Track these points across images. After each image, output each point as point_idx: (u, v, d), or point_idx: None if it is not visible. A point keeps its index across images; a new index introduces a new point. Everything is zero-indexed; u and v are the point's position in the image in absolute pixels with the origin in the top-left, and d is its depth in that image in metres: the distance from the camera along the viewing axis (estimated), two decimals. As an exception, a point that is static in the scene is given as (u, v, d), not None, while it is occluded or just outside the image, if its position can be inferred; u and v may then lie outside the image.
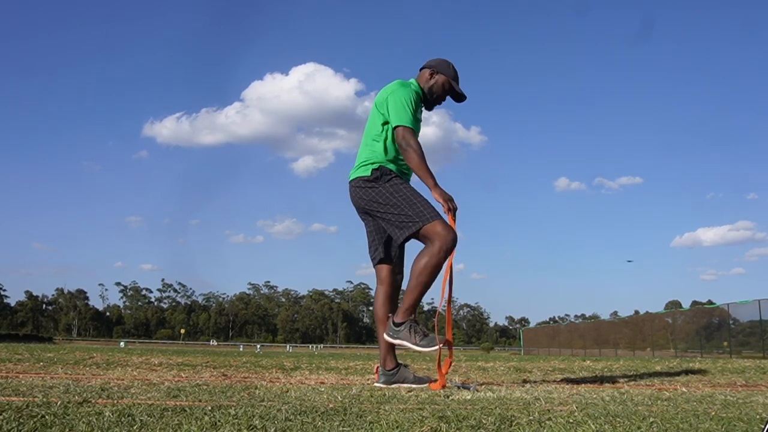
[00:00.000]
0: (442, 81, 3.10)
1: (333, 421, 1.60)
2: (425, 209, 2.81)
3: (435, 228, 2.77)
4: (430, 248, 2.77)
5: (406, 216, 2.81)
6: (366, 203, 2.93)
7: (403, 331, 2.79)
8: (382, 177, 2.90)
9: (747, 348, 20.86)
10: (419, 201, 2.83)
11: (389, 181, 2.89)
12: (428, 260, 2.76)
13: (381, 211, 2.89)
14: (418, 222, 2.78)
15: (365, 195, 2.92)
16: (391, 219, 2.86)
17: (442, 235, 2.76)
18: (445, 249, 2.76)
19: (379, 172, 2.91)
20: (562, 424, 1.61)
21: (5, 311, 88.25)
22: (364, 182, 2.93)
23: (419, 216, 2.79)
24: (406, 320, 2.81)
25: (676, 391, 2.92)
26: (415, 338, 2.74)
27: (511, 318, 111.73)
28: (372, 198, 2.90)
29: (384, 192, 2.87)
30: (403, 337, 2.78)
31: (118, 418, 1.57)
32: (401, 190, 2.86)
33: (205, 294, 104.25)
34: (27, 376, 3.17)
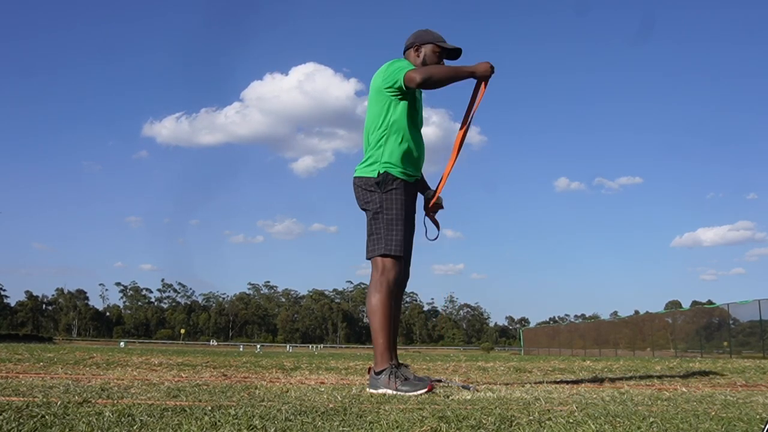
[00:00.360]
0: (430, 49, 3.01)
1: (333, 421, 1.60)
2: (397, 239, 2.76)
3: (390, 263, 2.75)
4: (376, 284, 2.75)
5: (378, 236, 2.78)
6: (363, 204, 2.91)
7: (382, 378, 2.66)
8: (385, 184, 2.83)
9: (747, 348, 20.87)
10: (399, 229, 2.78)
11: (387, 192, 2.81)
12: (378, 297, 2.72)
13: (369, 218, 2.85)
14: (383, 249, 2.75)
15: (363, 196, 2.89)
16: (370, 230, 2.83)
17: (394, 272, 2.75)
18: (392, 289, 2.74)
19: (382, 177, 2.83)
20: (562, 424, 1.61)
21: (5, 311, 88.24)
22: (365, 183, 2.89)
23: (388, 242, 2.75)
24: (387, 366, 2.68)
25: (676, 391, 2.92)
26: (396, 383, 2.60)
27: (511, 318, 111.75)
28: (368, 200, 2.86)
29: (378, 202, 2.82)
30: (382, 385, 2.64)
31: (118, 418, 1.57)
32: (392, 209, 2.79)
33: (205, 294, 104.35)
34: (27, 376, 3.17)
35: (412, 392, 2.52)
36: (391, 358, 2.72)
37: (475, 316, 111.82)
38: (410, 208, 2.90)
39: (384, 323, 2.72)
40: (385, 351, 2.71)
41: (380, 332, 2.72)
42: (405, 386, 2.57)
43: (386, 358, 2.70)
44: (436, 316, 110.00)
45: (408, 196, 2.88)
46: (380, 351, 2.71)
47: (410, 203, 2.91)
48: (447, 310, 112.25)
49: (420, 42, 3.02)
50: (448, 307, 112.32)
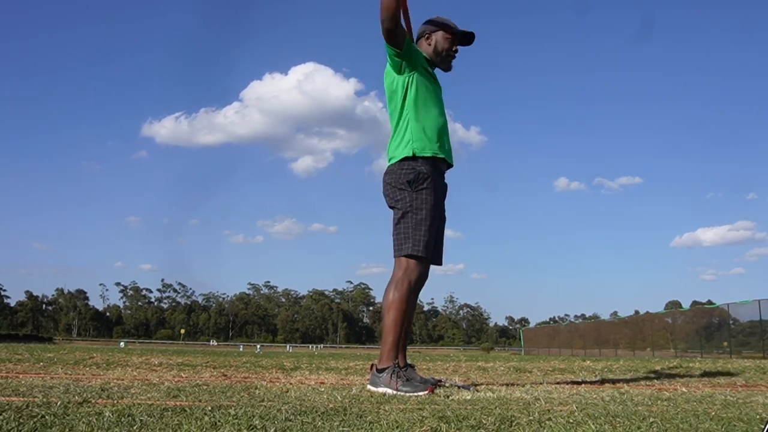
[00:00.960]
0: (440, 36, 2.96)
1: (333, 421, 1.60)
2: (423, 240, 2.73)
3: (414, 264, 2.73)
4: (398, 282, 2.72)
5: (405, 235, 2.75)
6: (392, 202, 2.85)
7: (384, 376, 2.62)
8: (416, 183, 2.77)
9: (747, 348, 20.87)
10: (426, 230, 2.75)
11: (418, 191, 2.78)
12: (398, 295, 2.69)
13: (397, 217, 2.80)
14: (410, 248, 2.72)
15: (393, 194, 2.83)
16: (398, 229, 2.79)
17: (417, 273, 2.74)
18: (412, 289, 2.72)
19: (414, 176, 2.77)
20: (562, 424, 1.61)
21: (5, 311, 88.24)
22: (395, 180, 2.81)
23: (415, 243, 2.72)
24: (390, 365, 2.65)
25: (676, 391, 2.92)
26: (397, 383, 2.57)
27: (511, 318, 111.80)
28: (397, 199, 2.81)
29: (409, 201, 2.77)
30: (383, 383, 2.60)
31: (118, 418, 1.57)
32: (422, 210, 2.76)
33: (205, 294, 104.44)
34: (27, 376, 3.17)
35: (412, 393, 2.50)
36: (395, 357, 2.69)
37: (475, 316, 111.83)
38: (440, 206, 2.87)
39: (398, 321, 2.69)
40: (392, 349, 2.68)
41: (392, 330, 2.69)
42: (406, 387, 2.55)
43: (391, 356, 2.67)
44: (436, 316, 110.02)
45: (438, 194, 2.84)
46: (387, 348, 2.68)
47: (440, 200, 2.87)
48: (447, 310, 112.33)
49: (430, 30, 2.97)
50: (448, 307, 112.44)
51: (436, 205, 2.82)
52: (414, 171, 2.79)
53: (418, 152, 2.80)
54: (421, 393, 2.50)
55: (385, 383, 2.60)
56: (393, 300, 2.70)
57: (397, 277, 2.74)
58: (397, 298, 2.70)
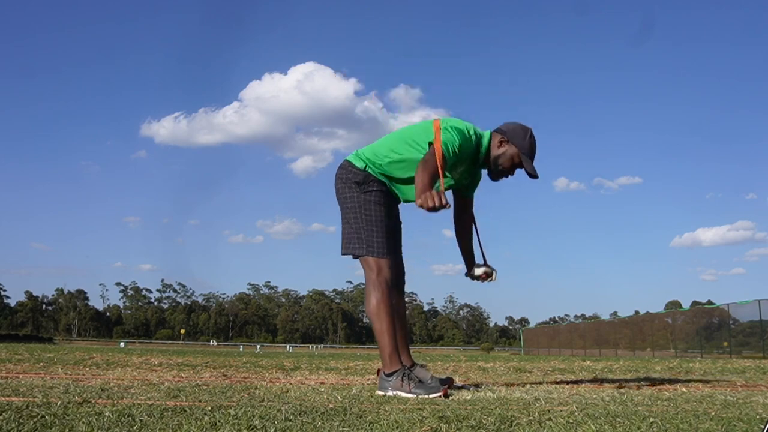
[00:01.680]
0: (511, 153, 2.76)
1: (333, 422, 1.60)
2: (379, 242, 2.72)
3: (383, 262, 2.70)
4: (374, 284, 2.68)
5: (359, 236, 2.72)
6: (341, 198, 2.83)
7: (393, 380, 2.57)
8: (366, 184, 2.76)
9: (747, 348, 20.89)
10: (380, 230, 2.73)
11: (367, 193, 2.76)
12: (379, 298, 2.66)
13: (346, 214, 2.79)
14: (365, 250, 2.71)
15: (342, 191, 2.81)
16: (348, 227, 2.77)
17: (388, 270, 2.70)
18: (386, 288, 2.68)
19: (364, 176, 2.77)
20: (562, 424, 1.61)
21: (5, 311, 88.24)
22: (347, 175, 2.80)
23: (369, 245, 2.71)
24: (398, 368, 2.60)
25: (676, 391, 2.92)
26: (410, 385, 2.51)
27: (511, 318, 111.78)
28: (346, 197, 2.79)
29: (357, 201, 2.75)
30: (393, 387, 2.55)
31: (118, 418, 1.57)
32: (371, 210, 2.75)
33: (205, 294, 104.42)
34: (27, 376, 3.17)
35: (425, 395, 2.44)
36: (400, 360, 2.64)
37: (475, 316, 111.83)
38: (390, 207, 2.84)
39: (387, 324, 2.64)
40: (392, 352, 2.63)
41: (385, 334, 2.64)
42: (419, 389, 2.49)
43: (395, 359, 2.62)
44: (436, 317, 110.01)
45: (388, 198, 2.81)
46: (387, 353, 2.63)
47: (391, 203, 2.84)
48: (447, 310, 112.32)
49: (510, 139, 2.77)
50: (448, 307, 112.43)
51: (387, 206, 2.79)
52: (363, 174, 2.77)
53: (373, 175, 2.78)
54: (435, 395, 2.43)
55: (395, 387, 2.54)
56: (377, 303, 2.65)
57: (372, 280, 2.69)
58: (378, 301, 2.65)
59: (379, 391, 2.61)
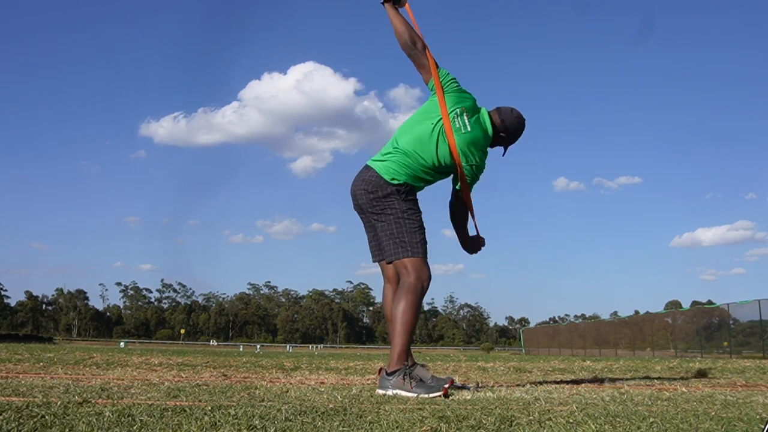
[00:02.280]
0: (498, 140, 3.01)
1: (333, 421, 1.60)
2: (423, 243, 2.79)
3: (422, 267, 2.75)
4: (408, 286, 2.71)
5: (401, 240, 2.76)
6: (369, 206, 2.84)
7: (395, 379, 2.59)
8: (402, 192, 2.81)
9: (747, 348, 20.88)
10: (421, 232, 2.81)
11: (407, 201, 2.81)
12: (411, 299, 2.69)
13: (382, 221, 2.81)
14: (409, 251, 2.74)
15: (372, 199, 2.82)
16: (389, 233, 2.79)
17: (426, 275, 2.76)
18: (423, 288, 2.74)
19: (400, 185, 2.80)
20: (562, 424, 1.61)
21: (5, 311, 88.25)
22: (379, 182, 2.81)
23: (413, 246, 2.75)
24: (401, 367, 2.62)
25: (676, 391, 2.92)
26: (411, 384, 2.54)
27: (511, 318, 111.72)
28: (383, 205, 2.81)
29: (395, 207, 2.78)
30: (394, 386, 2.56)
31: (118, 418, 1.57)
32: (412, 214, 2.81)
33: (205, 294, 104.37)
34: (27, 376, 3.17)
35: (425, 395, 2.46)
36: (405, 360, 2.66)
37: (475, 316, 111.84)
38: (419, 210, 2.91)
39: (410, 326, 2.69)
40: (403, 353, 2.66)
41: (404, 334, 2.67)
42: (419, 388, 2.51)
43: (402, 360, 2.65)
44: (436, 316, 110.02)
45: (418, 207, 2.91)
46: (399, 352, 2.65)
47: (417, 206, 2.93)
48: (447, 310, 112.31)
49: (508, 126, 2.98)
50: (448, 307, 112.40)
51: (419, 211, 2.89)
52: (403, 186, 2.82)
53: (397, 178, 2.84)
54: (435, 394, 2.45)
55: (396, 386, 2.56)
56: (408, 304, 2.69)
57: (408, 282, 2.73)
58: (411, 303, 2.69)
59: (379, 389, 2.61)
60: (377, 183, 2.81)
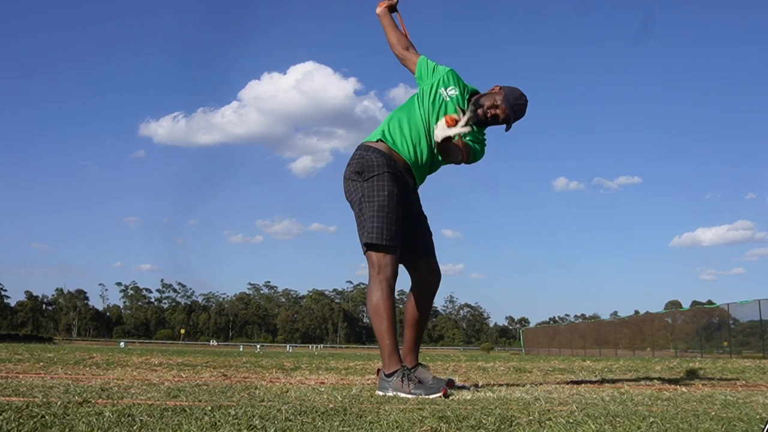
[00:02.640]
0: (503, 116, 2.92)
1: (333, 421, 1.60)
2: (381, 226, 2.59)
3: (381, 256, 2.61)
4: (374, 281, 2.61)
5: (361, 226, 2.66)
6: (348, 195, 2.77)
7: (393, 380, 2.52)
8: (367, 172, 2.68)
9: (747, 348, 20.88)
10: (383, 215, 2.61)
11: (369, 180, 2.67)
12: (378, 296, 2.59)
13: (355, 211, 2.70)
14: (365, 237, 2.61)
15: (347, 187, 2.76)
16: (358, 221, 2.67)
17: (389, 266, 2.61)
18: (391, 284, 2.61)
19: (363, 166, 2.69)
20: (562, 424, 1.61)
21: (5, 311, 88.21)
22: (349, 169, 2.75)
23: (371, 230, 2.59)
24: (398, 368, 2.55)
25: (676, 391, 2.92)
26: (409, 386, 2.47)
27: (511, 318, 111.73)
28: (351, 191, 2.72)
29: (360, 190, 2.67)
30: (393, 387, 2.50)
31: (118, 418, 1.57)
32: (374, 197, 2.63)
33: (205, 294, 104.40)
34: (27, 376, 3.17)
35: (425, 396, 2.42)
36: (401, 360, 2.60)
37: (475, 316, 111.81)
38: (401, 196, 2.71)
39: (388, 323, 2.58)
40: (393, 352, 2.58)
41: (385, 333, 2.58)
42: (418, 389, 2.46)
43: (394, 360, 2.57)
44: (436, 316, 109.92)
45: (397, 185, 2.69)
46: (387, 352, 2.58)
47: (401, 191, 2.71)
48: (447, 310, 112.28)
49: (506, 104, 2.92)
50: (448, 307, 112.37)
51: (397, 193, 2.67)
52: (363, 159, 2.72)
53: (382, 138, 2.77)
54: (435, 395, 2.41)
55: (395, 387, 2.51)
56: (377, 302, 2.59)
57: (372, 277, 2.62)
58: (378, 299, 2.58)
59: (379, 391, 2.59)
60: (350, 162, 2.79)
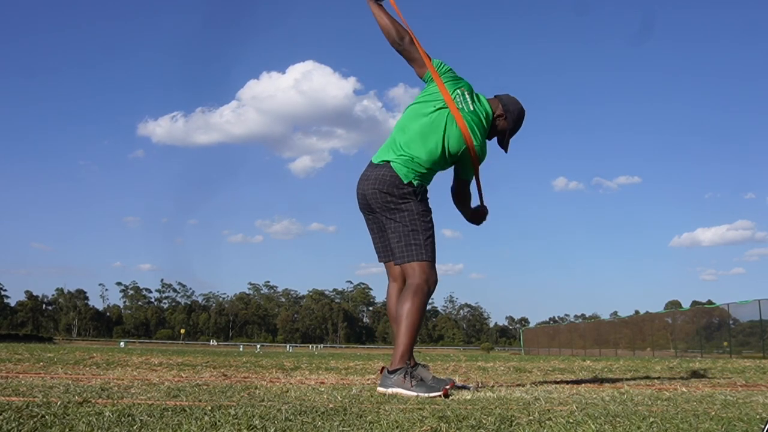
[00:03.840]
0: (503, 127, 2.99)
1: (333, 421, 1.60)
2: (432, 247, 2.80)
3: (430, 270, 2.78)
4: (415, 288, 2.73)
5: (417, 243, 2.77)
6: (381, 206, 2.82)
7: (396, 377, 2.59)
8: (417, 194, 2.81)
9: (747, 348, 20.88)
10: (431, 235, 2.82)
11: (421, 201, 2.83)
12: (418, 300, 2.71)
13: (396, 221, 2.80)
14: (422, 254, 2.76)
15: (387, 199, 2.80)
16: (401, 234, 2.79)
17: (434, 279, 2.79)
18: (429, 291, 2.77)
19: (415, 188, 2.80)
20: (562, 424, 1.61)
21: (5, 311, 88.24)
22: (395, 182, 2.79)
23: (427, 249, 2.77)
24: (402, 366, 2.62)
25: (676, 391, 2.92)
26: (411, 383, 2.54)
27: (511, 318, 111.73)
28: (398, 205, 2.80)
29: (412, 209, 2.79)
30: (395, 384, 2.56)
31: (118, 418, 1.57)
32: (425, 217, 2.82)
33: (205, 294, 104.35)
34: (27, 376, 3.17)
35: (425, 394, 2.46)
36: (407, 360, 2.67)
37: (475, 316, 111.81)
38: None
39: (417, 325, 2.70)
40: (406, 352, 2.67)
41: (411, 333, 2.69)
42: (419, 388, 2.51)
43: (405, 359, 2.66)
44: (436, 316, 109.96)
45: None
46: (402, 351, 2.66)
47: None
48: (447, 310, 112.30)
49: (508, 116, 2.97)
50: (448, 307, 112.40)
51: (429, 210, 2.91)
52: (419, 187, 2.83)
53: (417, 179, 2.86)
54: (435, 394, 2.45)
55: (397, 384, 2.56)
56: (414, 305, 2.70)
57: (415, 284, 2.75)
58: (417, 304, 2.71)
59: (380, 387, 2.62)
60: (392, 182, 2.78)
